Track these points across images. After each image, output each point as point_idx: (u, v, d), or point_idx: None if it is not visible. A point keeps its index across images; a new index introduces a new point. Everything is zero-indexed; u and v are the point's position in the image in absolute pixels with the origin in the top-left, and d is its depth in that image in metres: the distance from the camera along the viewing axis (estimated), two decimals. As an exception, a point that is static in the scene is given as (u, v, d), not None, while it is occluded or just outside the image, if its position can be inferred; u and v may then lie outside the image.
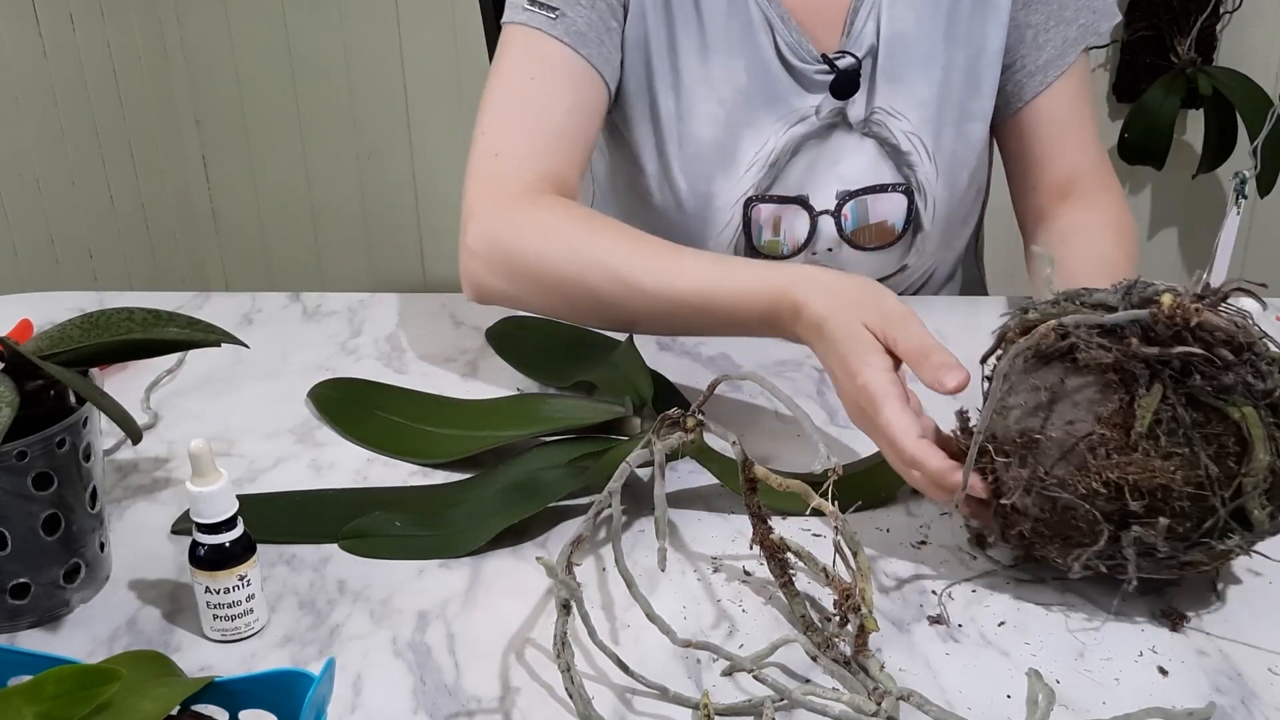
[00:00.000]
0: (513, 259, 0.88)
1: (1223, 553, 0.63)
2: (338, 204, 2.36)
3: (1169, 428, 0.61)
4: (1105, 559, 0.64)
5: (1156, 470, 0.61)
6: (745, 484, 0.68)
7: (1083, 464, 0.62)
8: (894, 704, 0.57)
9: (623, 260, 0.84)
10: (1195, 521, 0.62)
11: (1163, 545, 0.62)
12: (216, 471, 0.64)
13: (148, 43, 2.19)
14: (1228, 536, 0.62)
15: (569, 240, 0.87)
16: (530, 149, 0.93)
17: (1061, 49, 0.99)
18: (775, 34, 0.99)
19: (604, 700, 0.61)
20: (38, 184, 1.96)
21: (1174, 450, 0.61)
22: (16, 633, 0.67)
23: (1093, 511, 0.62)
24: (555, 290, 0.87)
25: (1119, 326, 0.62)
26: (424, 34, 2.19)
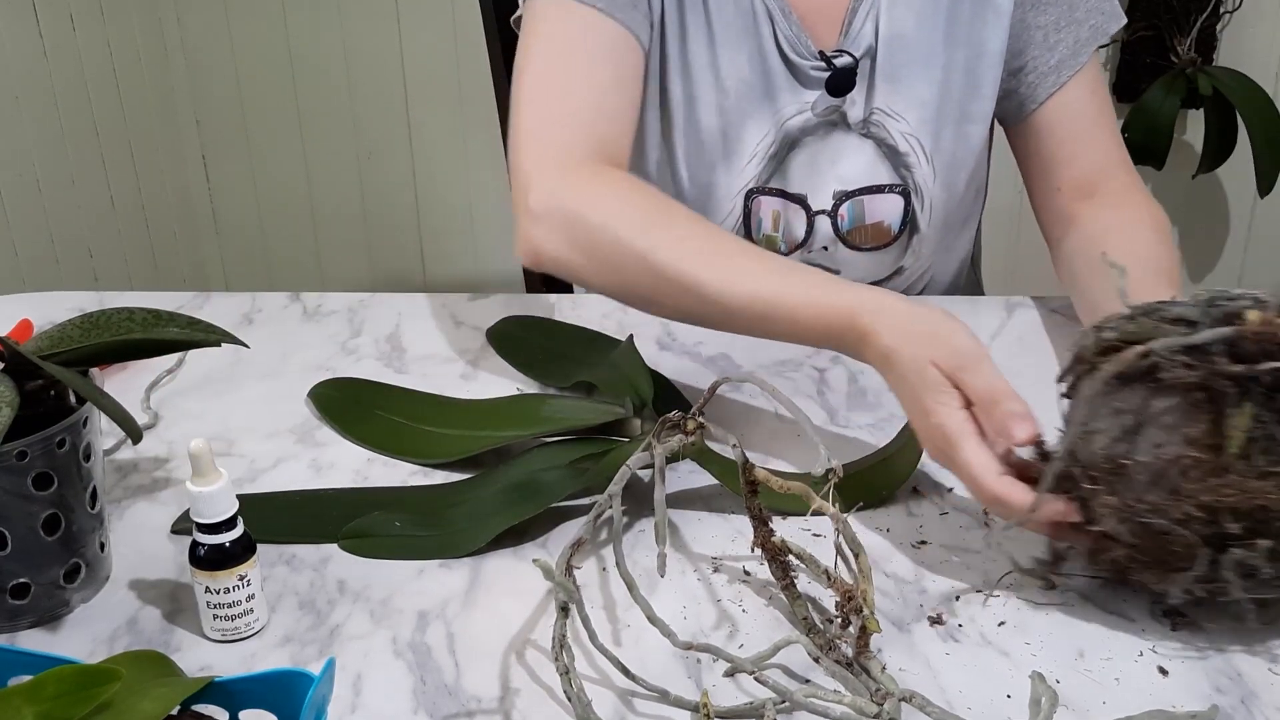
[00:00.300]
0: (578, 227, 0.85)
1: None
2: (338, 204, 2.36)
3: (1264, 446, 0.59)
4: (1204, 583, 0.62)
5: (1254, 491, 0.59)
6: (746, 486, 0.68)
7: (1175, 489, 0.60)
8: (896, 705, 0.57)
9: (689, 250, 0.81)
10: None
11: (1266, 567, 0.60)
12: (216, 471, 0.64)
13: (148, 43, 2.19)
14: None
15: (639, 219, 0.84)
16: (580, 119, 0.91)
17: (1074, 49, 0.99)
18: (776, 26, 0.99)
19: (604, 702, 0.61)
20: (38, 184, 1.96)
21: (1270, 470, 0.59)
22: (16, 633, 0.67)
23: (1189, 536, 0.60)
24: (617, 267, 0.84)
25: (1205, 344, 0.60)
26: (424, 34, 2.19)
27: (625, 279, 0.84)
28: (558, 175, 0.88)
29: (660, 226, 0.83)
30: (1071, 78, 1.00)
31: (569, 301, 1.10)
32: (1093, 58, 1.01)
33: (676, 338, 1.02)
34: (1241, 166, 1.99)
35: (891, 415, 0.88)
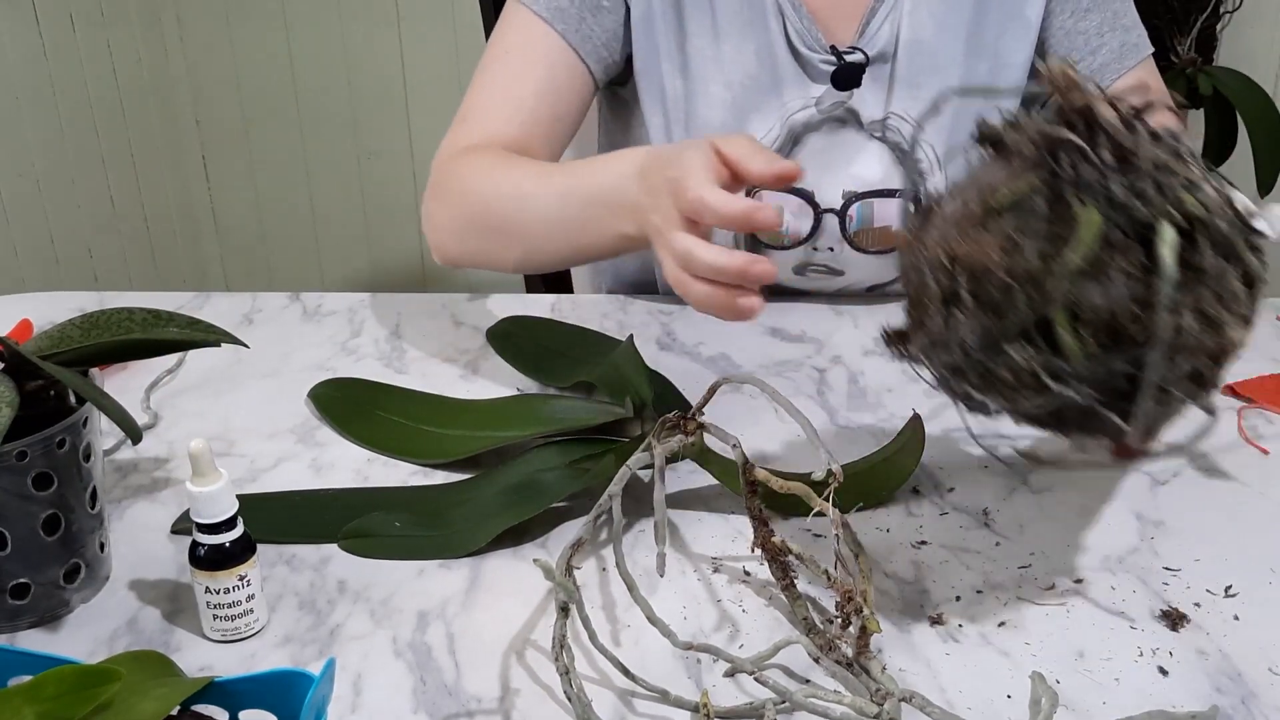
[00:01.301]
0: (447, 201, 0.96)
1: (1034, 379, 0.55)
2: (338, 204, 2.36)
3: (1024, 211, 0.55)
4: (946, 364, 0.58)
5: (985, 247, 0.55)
6: (746, 487, 0.68)
7: (944, 234, 0.57)
8: (896, 705, 0.57)
9: (518, 175, 0.91)
10: (1003, 320, 0.55)
11: (970, 337, 0.56)
12: (216, 471, 0.64)
13: (148, 43, 2.19)
14: (1048, 362, 0.55)
15: (481, 171, 0.94)
16: (491, 117, 0.99)
17: (1119, 53, 0.99)
18: (786, 20, 0.99)
19: (604, 702, 0.61)
20: (38, 184, 1.96)
21: (1013, 234, 0.54)
22: (16, 633, 0.67)
23: (927, 277, 0.57)
24: (475, 218, 0.94)
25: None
26: (424, 34, 2.19)
27: (483, 226, 0.93)
28: (440, 165, 0.99)
29: (499, 170, 0.93)
30: (1118, 79, 0.99)
31: (569, 301, 1.10)
32: (1148, 67, 1.00)
33: (676, 338, 1.02)
34: (1242, 166, 1.99)
35: (892, 415, 0.88)
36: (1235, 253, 0.54)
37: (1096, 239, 0.53)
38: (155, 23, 2.21)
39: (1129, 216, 0.53)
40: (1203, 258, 0.53)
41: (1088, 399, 0.56)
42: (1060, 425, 0.60)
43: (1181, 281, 0.53)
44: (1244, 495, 0.78)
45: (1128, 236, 0.53)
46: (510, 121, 0.99)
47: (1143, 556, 0.72)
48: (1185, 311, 0.53)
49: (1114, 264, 0.53)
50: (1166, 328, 0.52)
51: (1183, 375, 0.55)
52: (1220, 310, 0.54)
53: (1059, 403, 0.57)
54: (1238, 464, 0.82)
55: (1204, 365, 0.55)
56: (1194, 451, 0.84)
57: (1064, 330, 0.54)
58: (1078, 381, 0.55)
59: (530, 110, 0.99)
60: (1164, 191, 0.53)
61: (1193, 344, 0.54)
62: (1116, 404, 0.56)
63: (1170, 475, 0.81)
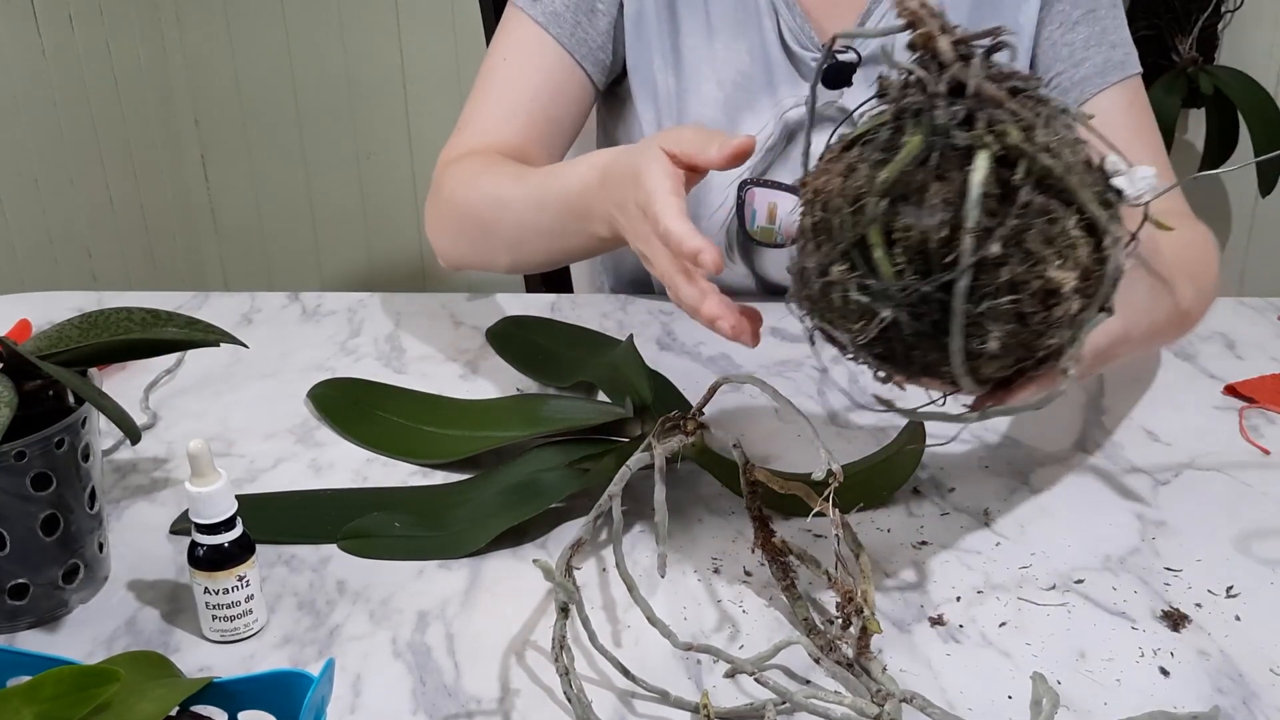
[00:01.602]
0: (442, 207, 0.97)
1: (856, 303, 0.56)
2: (338, 204, 2.36)
3: (870, 141, 0.56)
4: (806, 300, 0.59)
5: (831, 175, 0.57)
6: (746, 487, 0.68)
7: (821, 169, 0.59)
8: (896, 706, 0.57)
9: (497, 178, 0.92)
10: (833, 243, 0.57)
11: (810, 263, 0.57)
12: (215, 472, 0.64)
13: (147, 43, 2.19)
14: (861, 284, 0.56)
15: (468, 177, 0.95)
16: (489, 123, 1.00)
17: (1103, 68, 0.98)
18: (779, 18, 0.99)
19: (604, 703, 0.60)
20: (36, 183, 1.96)
21: (853, 162, 0.56)
22: (15, 633, 0.67)
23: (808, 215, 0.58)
24: (464, 223, 0.95)
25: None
26: (424, 34, 2.19)
27: (470, 231, 0.94)
28: (439, 172, 0.99)
29: (482, 175, 0.93)
30: (1099, 93, 0.98)
31: (569, 301, 1.10)
32: (1133, 86, 0.98)
33: (676, 338, 1.02)
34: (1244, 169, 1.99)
35: (892, 415, 0.88)
36: (1073, 198, 0.54)
37: (911, 160, 0.54)
38: (155, 22, 2.21)
39: (952, 144, 0.54)
40: (1025, 192, 0.53)
41: (910, 327, 0.56)
42: (899, 364, 0.60)
43: (995, 210, 0.53)
44: (1245, 495, 0.78)
45: (949, 163, 0.54)
46: (507, 127, 0.99)
47: (1144, 557, 0.72)
48: (996, 241, 0.53)
49: (932, 188, 0.54)
50: (969, 250, 0.53)
51: (1005, 313, 0.55)
52: (1042, 248, 0.54)
53: (888, 336, 0.57)
54: (1238, 464, 0.82)
55: (1028, 306, 0.55)
56: (1195, 451, 0.84)
57: (876, 247, 0.55)
58: (894, 306, 0.55)
59: (527, 115, 1.00)
60: (992, 125, 0.54)
61: (1007, 278, 0.54)
62: (939, 338, 0.56)
63: (1171, 475, 0.81)
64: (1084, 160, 0.57)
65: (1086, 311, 0.57)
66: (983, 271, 0.54)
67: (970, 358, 0.56)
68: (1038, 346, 0.57)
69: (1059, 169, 0.54)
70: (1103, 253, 0.56)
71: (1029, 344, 0.57)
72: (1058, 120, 0.56)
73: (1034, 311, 0.55)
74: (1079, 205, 0.55)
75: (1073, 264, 0.55)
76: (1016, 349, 0.57)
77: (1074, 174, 0.55)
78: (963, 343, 0.55)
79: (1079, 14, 0.99)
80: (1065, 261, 0.55)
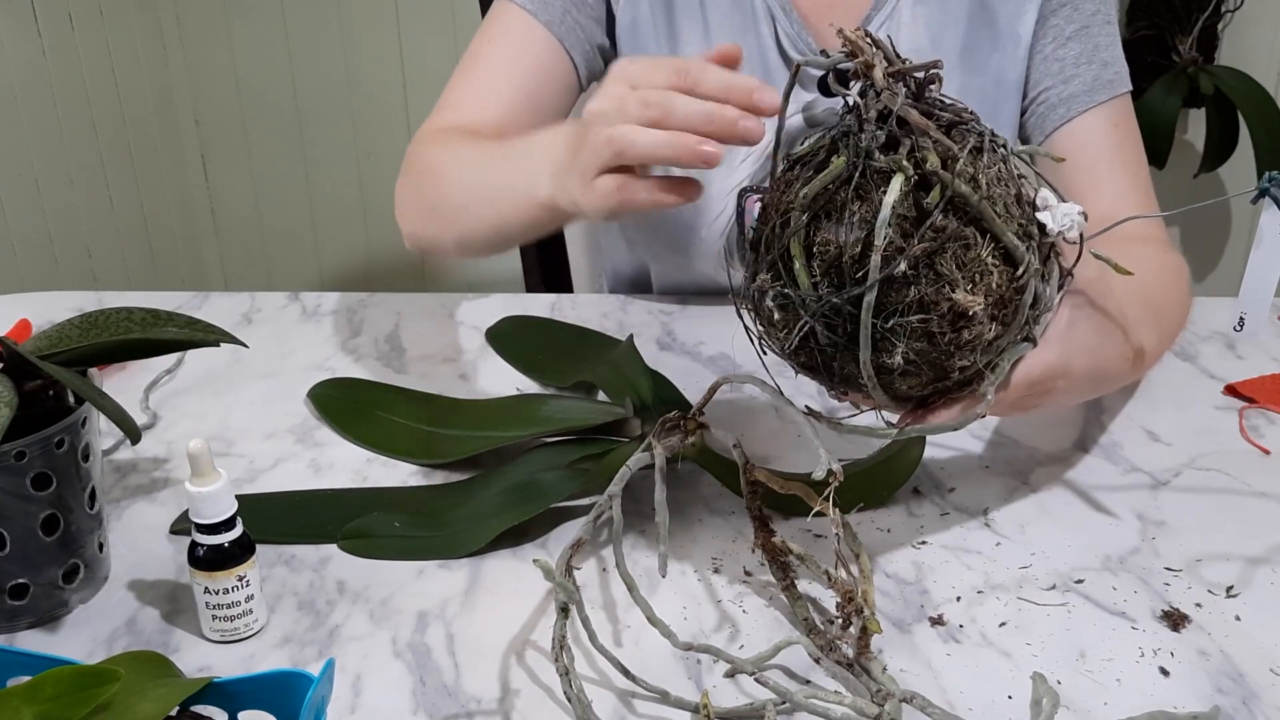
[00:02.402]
0: (410, 182, 0.94)
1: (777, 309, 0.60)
2: (338, 204, 2.36)
3: (809, 160, 0.60)
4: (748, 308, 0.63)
5: (775, 190, 0.61)
6: (746, 487, 0.68)
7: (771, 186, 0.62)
8: (896, 706, 0.57)
9: (467, 149, 0.89)
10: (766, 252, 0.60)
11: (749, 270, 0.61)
12: (215, 472, 0.64)
13: (147, 42, 2.19)
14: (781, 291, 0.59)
15: (440, 146, 0.92)
16: (469, 104, 0.98)
17: (1091, 86, 0.97)
18: (776, 24, 0.99)
19: (604, 703, 0.60)
20: (36, 183, 1.96)
21: (793, 180, 0.59)
22: (15, 633, 0.67)
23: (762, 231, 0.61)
24: (425, 194, 0.92)
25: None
26: (424, 34, 2.19)
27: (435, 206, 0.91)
28: (410, 149, 0.96)
29: (449, 147, 0.91)
30: (1085, 112, 0.97)
31: (569, 301, 1.10)
32: (1121, 107, 0.98)
33: (676, 338, 1.02)
34: (1243, 166, 1.99)
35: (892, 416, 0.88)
36: (988, 226, 0.57)
37: (834, 179, 0.57)
38: (154, 23, 2.20)
39: (874, 167, 0.57)
40: (937, 216, 0.56)
41: (825, 338, 0.59)
42: (822, 375, 0.62)
43: (909, 232, 0.56)
44: (1245, 495, 0.78)
45: (871, 185, 0.57)
46: (487, 109, 0.97)
47: (1144, 557, 0.72)
48: (904, 260, 0.56)
49: (851, 207, 0.57)
50: (876, 267, 0.55)
51: (913, 331, 0.57)
52: (954, 271, 0.56)
53: (809, 345, 0.60)
54: (1238, 464, 0.82)
55: (937, 326, 0.57)
56: (1195, 451, 0.84)
57: (796, 258, 0.58)
58: (810, 315, 0.58)
59: (509, 99, 0.98)
60: (914, 151, 0.57)
61: (916, 296, 0.56)
62: (853, 350, 0.58)
63: (1171, 475, 0.81)
64: (1015, 194, 0.59)
65: (1003, 339, 0.59)
66: (892, 289, 0.56)
67: (881, 372, 0.59)
68: (950, 367, 0.59)
69: (974, 197, 0.56)
70: (1019, 281, 0.58)
71: (939, 364, 0.59)
72: (993, 154, 0.58)
73: (942, 332, 0.57)
74: (994, 233, 0.57)
75: (984, 289, 0.57)
76: (927, 367, 0.59)
77: (995, 203, 0.57)
78: (870, 355, 0.58)
79: (1072, 30, 0.98)
80: (975, 286, 0.57)
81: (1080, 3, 0.98)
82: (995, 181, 0.58)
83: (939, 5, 0.98)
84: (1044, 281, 0.60)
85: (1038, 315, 0.61)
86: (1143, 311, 0.76)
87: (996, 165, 0.58)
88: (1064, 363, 0.65)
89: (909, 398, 0.62)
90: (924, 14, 0.98)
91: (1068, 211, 0.59)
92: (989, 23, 0.99)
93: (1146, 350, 0.75)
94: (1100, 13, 0.98)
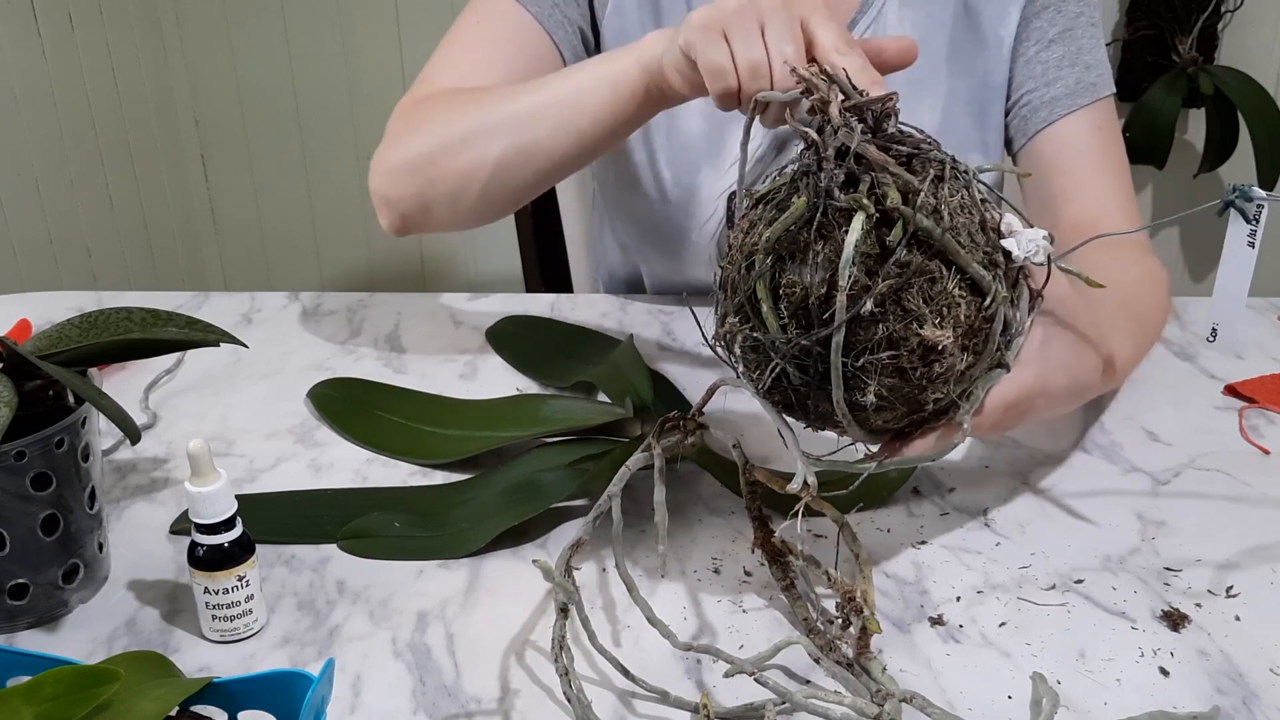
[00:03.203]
0: (406, 137, 0.89)
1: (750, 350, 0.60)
2: (338, 204, 2.36)
3: (772, 200, 0.60)
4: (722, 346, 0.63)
5: (740, 230, 0.60)
6: (746, 488, 0.68)
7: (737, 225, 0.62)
8: (896, 706, 0.57)
9: (495, 99, 0.86)
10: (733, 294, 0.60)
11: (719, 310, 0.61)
12: (215, 472, 0.64)
13: (147, 42, 2.19)
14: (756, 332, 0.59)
15: (448, 110, 0.88)
16: (451, 77, 0.94)
17: (1074, 89, 0.97)
18: None
19: (604, 703, 0.60)
20: (36, 184, 1.96)
21: (756, 220, 0.60)
22: (15, 633, 0.67)
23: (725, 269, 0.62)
24: (440, 142, 0.87)
25: None
26: (424, 35, 2.19)
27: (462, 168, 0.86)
28: (393, 123, 0.92)
29: (470, 103, 0.87)
30: (1067, 115, 0.96)
31: (569, 301, 1.10)
32: (1104, 109, 0.97)
33: (676, 338, 1.02)
34: (1243, 166, 1.99)
35: (892, 415, 0.88)
36: (953, 258, 0.56)
37: (796, 220, 0.57)
38: (154, 23, 2.20)
39: (835, 205, 0.56)
40: (901, 252, 0.55)
41: (797, 378, 0.59)
42: (799, 413, 0.62)
43: (873, 269, 0.56)
44: (1245, 495, 0.78)
45: (832, 224, 0.57)
46: (474, 81, 0.94)
47: (1144, 557, 0.72)
48: (870, 299, 0.55)
49: (815, 247, 0.57)
50: (842, 307, 0.55)
51: (884, 368, 0.57)
52: (921, 306, 0.56)
53: (783, 385, 0.60)
54: (1238, 464, 0.82)
55: (908, 362, 0.57)
56: (1195, 451, 0.84)
57: (763, 301, 0.58)
58: (781, 357, 0.58)
59: (498, 75, 0.95)
60: (874, 187, 0.56)
61: (884, 334, 0.56)
62: (826, 389, 0.58)
63: (1171, 475, 0.81)
64: (979, 221, 0.58)
65: (975, 368, 0.59)
66: (859, 328, 0.56)
67: (856, 409, 0.59)
68: (923, 400, 0.59)
69: (937, 231, 0.56)
70: (988, 311, 0.57)
71: (913, 398, 0.58)
72: (955, 181, 0.58)
73: (913, 367, 0.57)
74: (959, 265, 0.56)
75: (952, 322, 0.57)
76: (901, 402, 0.59)
77: (959, 234, 0.56)
78: (842, 394, 0.58)
79: (1055, 32, 0.98)
80: (944, 319, 0.56)
81: (1063, 5, 0.97)
82: (959, 210, 0.57)
83: (924, 7, 0.98)
84: (1013, 307, 0.59)
85: (1009, 340, 0.60)
86: (1123, 320, 0.76)
87: (959, 193, 0.58)
88: (1040, 383, 0.65)
89: (886, 430, 0.62)
90: (910, 16, 0.98)
91: (1032, 237, 0.58)
92: (973, 25, 0.98)
93: (1124, 359, 0.75)
94: (1084, 15, 0.98)
